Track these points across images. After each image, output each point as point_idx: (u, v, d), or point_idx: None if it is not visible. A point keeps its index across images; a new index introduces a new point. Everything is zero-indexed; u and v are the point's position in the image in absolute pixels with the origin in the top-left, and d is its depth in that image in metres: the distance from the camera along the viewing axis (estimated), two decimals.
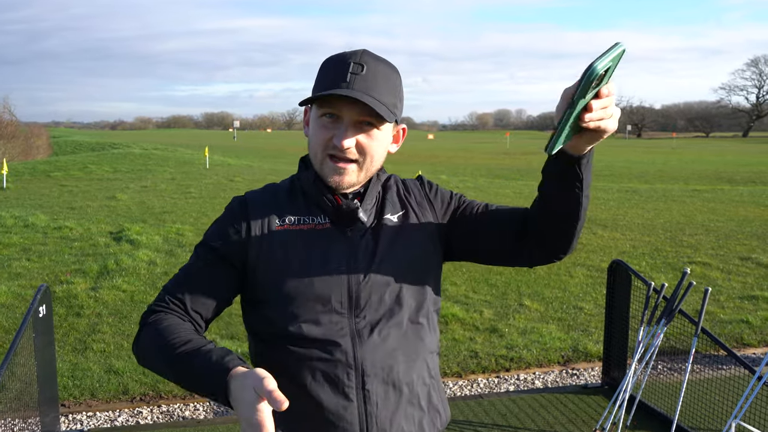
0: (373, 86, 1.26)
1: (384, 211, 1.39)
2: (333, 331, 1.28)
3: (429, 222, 1.41)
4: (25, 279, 6.67)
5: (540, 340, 5.06)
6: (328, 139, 1.29)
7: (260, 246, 1.32)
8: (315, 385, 1.27)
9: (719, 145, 56.32)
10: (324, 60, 1.33)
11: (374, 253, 1.33)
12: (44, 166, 20.16)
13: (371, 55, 1.29)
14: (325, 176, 1.31)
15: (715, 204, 13.23)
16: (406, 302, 1.34)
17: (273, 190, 1.42)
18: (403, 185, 1.47)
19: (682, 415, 3.58)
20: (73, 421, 3.74)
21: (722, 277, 7.15)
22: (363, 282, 1.31)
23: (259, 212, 1.35)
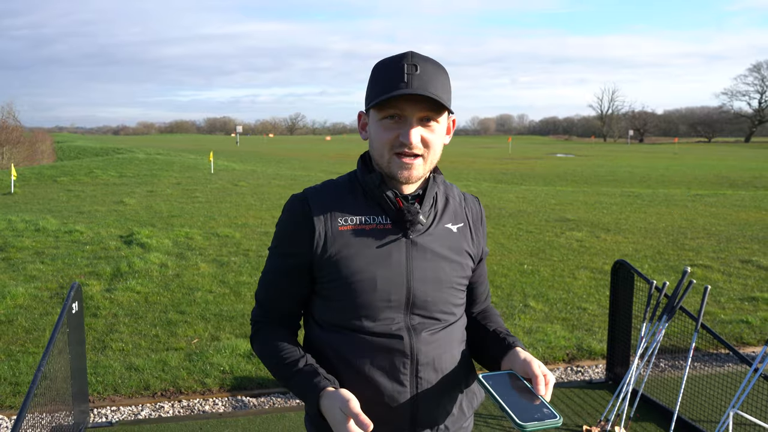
0: (429, 83, 1.34)
1: (445, 216, 1.49)
2: (391, 325, 1.40)
3: (478, 241, 1.54)
4: (41, 281, 6.83)
5: (545, 339, 5.20)
6: (394, 138, 1.36)
7: (325, 245, 1.39)
8: (373, 371, 1.39)
9: (721, 150, 56.43)
10: (375, 66, 1.41)
11: (434, 255, 1.44)
12: (51, 171, 20.36)
13: (420, 56, 1.37)
14: (393, 173, 1.38)
15: (716, 208, 13.38)
16: (452, 302, 1.47)
17: (333, 188, 1.47)
18: (464, 198, 1.57)
19: (683, 408, 3.73)
20: (99, 416, 3.90)
21: (723, 279, 7.29)
22: (419, 282, 1.42)
23: (321, 212, 1.41)
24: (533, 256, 8.37)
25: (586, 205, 13.91)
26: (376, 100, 1.34)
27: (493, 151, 50.40)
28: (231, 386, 4.29)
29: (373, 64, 1.45)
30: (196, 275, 7.12)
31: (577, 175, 25.01)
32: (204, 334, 5.26)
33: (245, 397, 4.16)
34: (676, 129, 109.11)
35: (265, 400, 4.12)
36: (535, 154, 44.84)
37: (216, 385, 4.30)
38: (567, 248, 8.93)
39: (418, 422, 1.42)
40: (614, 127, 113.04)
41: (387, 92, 1.33)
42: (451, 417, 1.47)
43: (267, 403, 4.08)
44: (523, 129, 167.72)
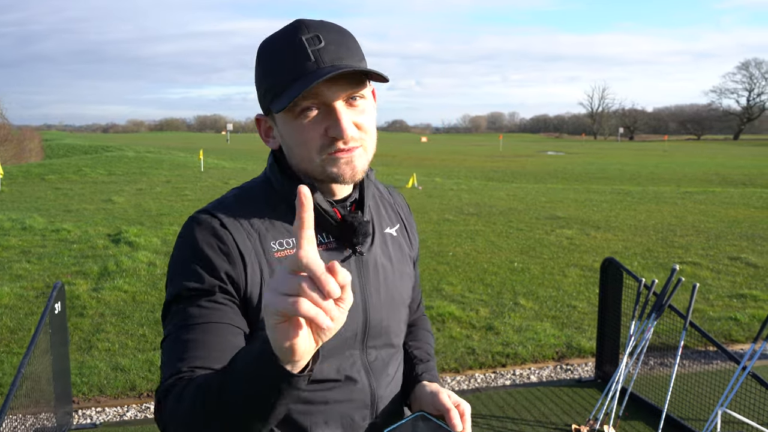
0: (340, 53, 1.03)
1: (381, 221, 1.24)
2: (347, 367, 1.12)
3: (414, 242, 1.32)
4: (27, 281, 6.75)
5: (535, 337, 5.20)
6: (322, 136, 1.04)
7: (260, 278, 1.04)
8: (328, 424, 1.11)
9: (710, 148, 56.82)
10: (262, 50, 1.07)
11: (385, 271, 1.19)
12: (38, 169, 20.18)
13: (315, 23, 1.06)
14: (332, 175, 1.07)
15: (706, 206, 13.44)
16: (403, 325, 1.25)
17: (246, 204, 1.12)
18: (389, 191, 1.33)
19: (672, 406, 3.73)
20: (84, 417, 3.84)
21: (712, 276, 7.31)
22: (376, 307, 1.16)
23: (245, 235, 1.06)
24: (523, 254, 8.37)
25: (576, 202, 13.94)
26: (288, 97, 1.00)
27: (484, 148, 50.49)
28: None
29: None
30: None
31: (568, 172, 25.09)
32: None
33: None
34: (665, 126, 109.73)
35: None
36: (526, 152, 44.96)
37: None
38: (557, 246, 8.93)
39: None
40: (605, 124, 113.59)
41: (292, 80, 1.01)
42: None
43: None
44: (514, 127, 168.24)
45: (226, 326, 1.00)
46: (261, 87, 1.08)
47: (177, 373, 0.95)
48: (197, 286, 1.01)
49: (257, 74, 1.08)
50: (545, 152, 46.10)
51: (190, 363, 0.96)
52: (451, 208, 12.70)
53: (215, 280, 1.02)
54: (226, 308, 1.02)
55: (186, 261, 1.04)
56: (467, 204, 13.31)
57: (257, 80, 1.09)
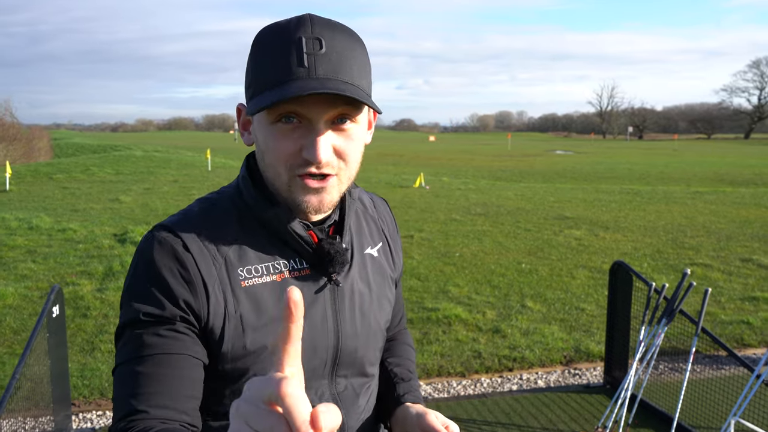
0: (339, 66, 0.91)
1: (362, 240, 1.13)
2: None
3: (398, 262, 1.22)
4: (32, 281, 6.73)
5: (542, 341, 5.11)
6: (295, 153, 0.94)
7: (224, 309, 0.95)
8: None
9: (721, 147, 56.41)
10: (259, 37, 0.95)
11: (362, 299, 1.09)
12: (46, 169, 20.24)
13: (324, 23, 0.93)
14: (296, 201, 0.97)
15: (716, 206, 13.29)
16: (379, 353, 1.16)
17: (213, 221, 1.00)
18: (373, 203, 1.21)
19: (683, 414, 3.64)
20: (84, 420, 3.80)
21: (723, 278, 7.20)
22: (350, 334, 1.07)
23: (209, 260, 0.96)
24: (531, 255, 8.28)
25: (585, 202, 13.82)
26: (263, 101, 0.89)
27: (492, 148, 50.33)
28: None
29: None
30: None
31: (576, 172, 24.93)
32: None
33: None
34: (675, 126, 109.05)
35: None
36: (534, 151, 44.76)
37: None
38: (566, 247, 8.84)
39: None
40: (613, 123, 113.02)
41: (279, 82, 0.90)
42: None
43: None
44: (523, 126, 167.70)
45: (183, 357, 0.92)
46: (246, 77, 0.97)
47: (131, 414, 0.88)
48: (154, 312, 0.92)
49: (247, 62, 0.97)
50: (554, 151, 45.89)
51: (146, 402, 0.88)
52: (458, 208, 12.61)
53: (175, 309, 0.92)
54: (184, 337, 0.92)
55: (144, 284, 0.94)
56: (475, 204, 13.22)
57: (246, 68, 0.98)
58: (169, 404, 0.89)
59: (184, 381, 0.91)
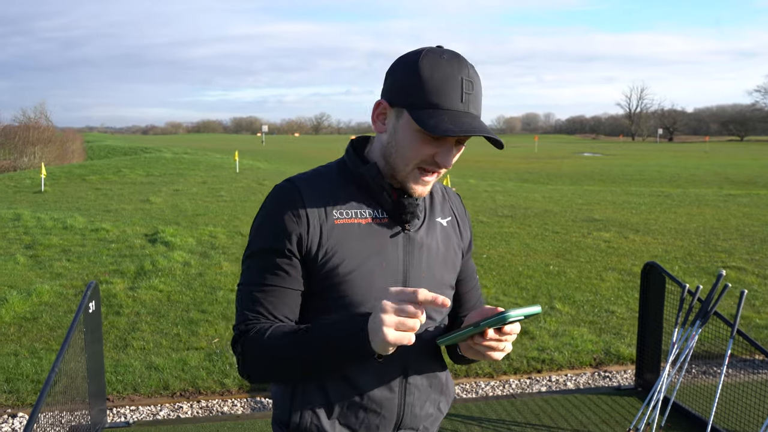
0: (479, 104, 1.26)
1: (434, 211, 1.42)
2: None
3: (465, 236, 1.49)
4: (66, 279, 6.89)
5: (571, 343, 5.06)
6: (430, 156, 1.26)
7: (319, 238, 1.27)
8: (362, 377, 1.31)
9: (754, 149, 55.13)
10: (428, 58, 1.23)
11: (429, 252, 1.36)
12: (80, 170, 20.68)
13: (471, 66, 1.26)
14: (407, 184, 1.30)
15: (750, 208, 13.00)
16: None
17: (323, 178, 1.35)
18: (445, 190, 1.50)
19: (717, 418, 3.57)
20: (117, 415, 3.88)
21: (758, 281, 7.04)
22: (416, 279, 1.34)
23: (313, 202, 1.29)
24: (559, 257, 8.20)
25: (614, 205, 13.64)
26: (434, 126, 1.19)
27: (519, 150, 49.93)
28: (250, 387, 4.24)
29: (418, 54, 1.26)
30: (218, 274, 7.12)
31: (605, 174, 24.61)
32: (225, 334, 5.23)
33: (264, 399, 4.11)
34: (706, 127, 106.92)
35: None
36: (562, 153, 44.29)
37: (235, 386, 4.25)
38: (594, 249, 8.74)
39: (402, 425, 1.38)
40: (643, 125, 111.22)
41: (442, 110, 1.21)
42: (431, 418, 1.44)
43: None
44: (550, 128, 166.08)
45: (285, 291, 1.28)
46: (405, 87, 1.24)
47: (247, 319, 1.28)
48: (269, 246, 1.28)
49: (407, 72, 1.24)
50: (581, 153, 45.34)
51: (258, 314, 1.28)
52: (485, 209, 12.55)
53: (285, 242, 1.26)
54: (288, 274, 1.28)
55: (265, 222, 1.30)
56: (501, 206, 13.14)
57: (405, 77, 1.24)
58: (275, 319, 1.28)
59: (285, 307, 1.29)
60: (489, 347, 1.21)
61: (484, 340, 1.20)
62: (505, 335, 1.20)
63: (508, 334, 1.20)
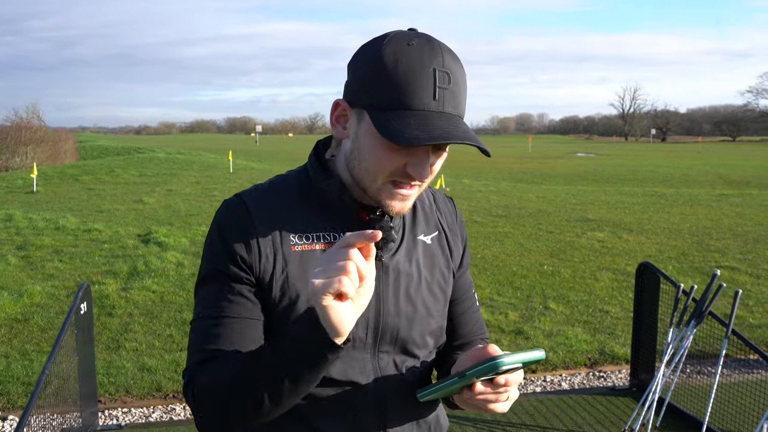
0: (459, 100, 1.02)
1: (416, 227, 1.20)
2: (355, 370, 1.11)
3: (456, 252, 1.26)
4: (58, 280, 6.84)
5: (566, 343, 5.06)
6: (400, 168, 1.03)
7: (272, 269, 1.07)
8: (331, 428, 1.11)
9: (747, 150, 55.45)
10: (391, 49, 1.00)
11: (409, 279, 1.15)
12: (72, 170, 20.57)
13: (448, 52, 1.02)
14: (381, 201, 1.07)
15: (743, 208, 13.06)
16: (428, 332, 1.19)
17: (279, 193, 1.14)
18: (434, 198, 1.28)
19: (712, 418, 3.57)
20: (110, 417, 3.85)
21: (751, 281, 7.07)
22: (392, 312, 1.13)
23: (266, 225, 1.08)
24: (553, 257, 8.21)
25: (607, 204, 13.67)
26: (397, 133, 0.96)
27: (513, 150, 50.03)
28: None
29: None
30: None
31: (599, 174, 24.68)
32: None
33: None
34: (699, 128, 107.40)
35: None
36: (556, 154, 44.41)
37: None
38: (588, 249, 8.75)
39: None
40: (636, 125, 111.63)
41: (407, 107, 0.98)
42: None
43: None
44: (543, 128, 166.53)
45: (245, 321, 1.07)
46: (365, 81, 1.03)
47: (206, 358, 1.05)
48: (219, 268, 1.07)
49: (370, 68, 1.01)
50: (575, 154, 45.47)
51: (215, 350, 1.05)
52: (479, 209, 12.55)
53: (233, 266, 1.06)
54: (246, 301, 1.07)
55: (212, 242, 1.10)
56: (495, 206, 13.15)
57: (363, 69, 1.03)
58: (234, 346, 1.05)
59: (246, 340, 1.06)
60: (486, 400, 1.01)
61: (475, 394, 0.99)
62: (500, 387, 0.99)
63: (502, 386, 0.99)
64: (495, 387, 0.99)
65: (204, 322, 1.07)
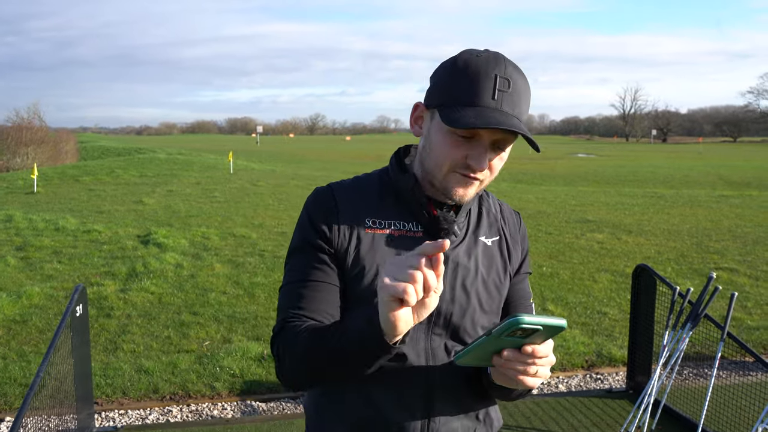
0: (518, 105, 1.16)
1: (479, 229, 1.33)
2: (408, 346, 1.22)
3: (515, 258, 1.37)
4: (57, 281, 6.84)
5: (564, 345, 5.06)
6: (461, 158, 1.18)
7: (347, 245, 1.24)
8: (382, 398, 1.23)
9: (747, 150, 55.39)
10: (464, 60, 1.18)
11: (466, 272, 1.28)
12: (73, 171, 20.58)
13: (512, 65, 1.17)
14: (447, 189, 1.21)
15: (742, 209, 13.05)
16: (480, 325, 1.30)
17: (360, 185, 1.32)
18: (500, 208, 1.41)
19: (708, 420, 3.57)
20: (106, 419, 3.85)
21: (750, 283, 7.06)
22: (447, 298, 1.25)
23: (347, 209, 1.27)
24: (552, 258, 8.21)
25: (607, 206, 13.67)
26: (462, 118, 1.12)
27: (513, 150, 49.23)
28: (240, 390, 4.22)
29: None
30: (210, 276, 7.09)
31: (599, 175, 24.67)
32: (216, 336, 5.21)
33: (255, 402, 4.09)
34: (700, 128, 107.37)
35: (274, 405, 4.05)
36: (556, 154, 44.40)
37: (225, 389, 4.23)
38: (587, 250, 8.74)
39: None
40: (637, 126, 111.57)
41: (470, 104, 1.14)
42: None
43: (276, 409, 4.00)
44: (544, 129, 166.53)
45: (326, 285, 1.24)
46: (439, 86, 1.20)
47: (289, 316, 1.23)
48: (307, 242, 1.26)
49: (444, 74, 1.19)
50: (576, 154, 45.46)
51: (300, 310, 1.23)
52: None
53: (321, 240, 1.24)
54: (328, 269, 1.24)
55: (302, 220, 1.29)
56: None
57: (440, 78, 1.21)
58: (315, 314, 1.22)
59: (325, 302, 1.23)
60: (514, 370, 1.05)
61: (504, 360, 1.05)
62: (527, 357, 1.04)
63: (530, 355, 1.03)
64: (523, 356, 1.04)
65: (292, 285, 1.26)
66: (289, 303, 1.24)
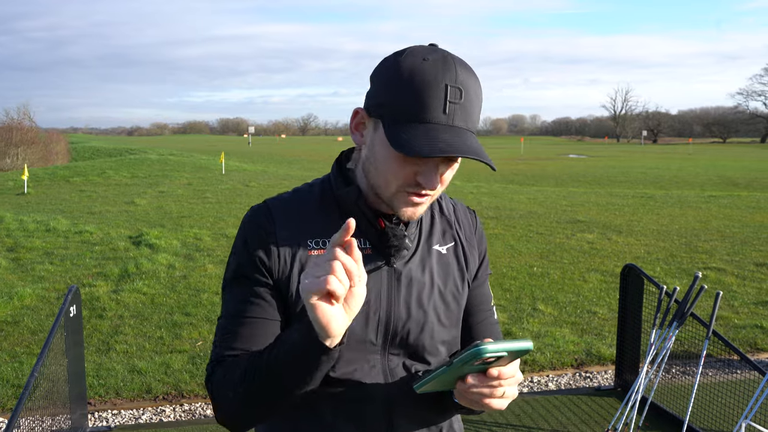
0: (470, 114, 1.06)
1: (432, 237, 1.24)
2: (365, 369, 1.16)
3: (472, 263, 1.29)
4: (49, 282, 6.84)
5: (553, 344, 5.12)
6: (410, 176, 1.08)
7: (289, 271, 1.13)
8: (339, 423, 1.16)
9: (736, 151, 55.85)
10: (408, 63, 1.05)
11: (420, 287, 1.20)
12: (63, 172, 20.50)
13: (462, 68, 1.06)
14: (395, 206, 1.12)
15: (731, 210, 13.18)
16: (440, 341, 1.22)
17: (300, 200, 1.20)
18: (454, 209, 1.31)
19: (694, 417, 3.63)
20: (99, 419, 3.87)
21: (737, 282, 7.15)
22: (403, 316, 1.17)
23: (287, 230, 1.15)
24: (543, 258, 8.28)
25: (597, 206, 13.77)
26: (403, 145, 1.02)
27: (505, 151, 50.19)
28: None
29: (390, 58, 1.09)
30: (203, 276, 7.10)
31: (590, 175, 24.82)
32: (208, 337, 5.23)
33: None
34: (690, 129, 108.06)
35: None
36: (547, 155, 44.60)
37: None
38: (578, 250, 8.82)
39: None
40: (627, 127, 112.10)
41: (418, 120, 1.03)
42: None
43: None
44: (536, 129, 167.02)
45: (263, 321, 1.13)
46: (381, 93, 1.09)
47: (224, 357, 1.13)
48: (242, 272, 1.15)
49: (385, 77, 1.08)
50: (567, 155, 45.68)
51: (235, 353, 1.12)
52: None
53: (257, 270, 1.13)
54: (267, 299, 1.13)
55: (237, 246, 1.17)
56: (487, 207, 13.22)
57: (381, 82, 1.09)
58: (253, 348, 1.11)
59: (263, 339, 1.11)
60: (480, 394, 1.01)
61: (468, 387, 1.00)
62: (493, 380, 0.99)
63: (495, 378, 0.99)
64: (488, 380, 1.00)
65: (227, 321, 1.15)
66: (223, 341, 1.14)
